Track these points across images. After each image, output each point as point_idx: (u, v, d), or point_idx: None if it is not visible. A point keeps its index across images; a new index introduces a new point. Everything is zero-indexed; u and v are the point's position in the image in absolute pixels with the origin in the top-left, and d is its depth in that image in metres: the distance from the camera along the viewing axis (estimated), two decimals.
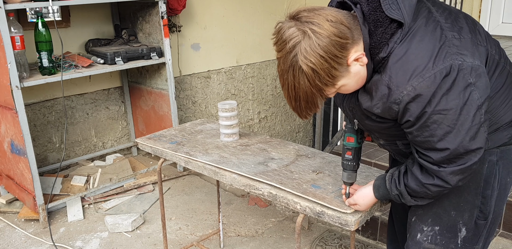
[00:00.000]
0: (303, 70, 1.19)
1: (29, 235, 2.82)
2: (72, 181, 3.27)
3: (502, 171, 1.42)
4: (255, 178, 1.76)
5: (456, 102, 1.18)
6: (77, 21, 3.38)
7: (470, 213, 1.43)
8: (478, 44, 1.27)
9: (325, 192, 1.63)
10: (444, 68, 1.17)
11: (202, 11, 3.96)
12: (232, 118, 2.15)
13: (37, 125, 3.36)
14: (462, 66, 1.18)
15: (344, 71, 1.24)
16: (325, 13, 1.20)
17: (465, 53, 1.20)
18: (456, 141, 1.22)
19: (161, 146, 2.14)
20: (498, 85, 1.33)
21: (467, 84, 1.18)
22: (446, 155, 1.24)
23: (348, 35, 1.20)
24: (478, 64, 1.21)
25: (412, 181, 1.33)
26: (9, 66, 2.57)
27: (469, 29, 1.28)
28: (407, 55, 1.21)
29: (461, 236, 1.45)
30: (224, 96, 4.34)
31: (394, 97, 1.22)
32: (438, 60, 1.18)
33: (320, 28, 1.17)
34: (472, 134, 1.22)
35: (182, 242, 2.75)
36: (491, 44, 1.34)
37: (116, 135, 3.85)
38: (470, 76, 1.19)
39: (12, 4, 2.52)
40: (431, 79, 1.18)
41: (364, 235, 2.79)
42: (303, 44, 1.18)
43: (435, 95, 1.18)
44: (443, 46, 1.20)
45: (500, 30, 3.93)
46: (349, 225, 1.50)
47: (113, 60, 3.10)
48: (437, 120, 1.21)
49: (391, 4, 1.23)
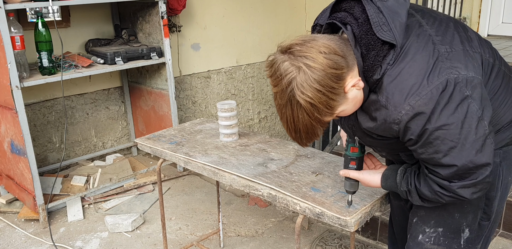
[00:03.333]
0: (301, 105, 1.18)
1: (29, 235, 2.82)
2: (72, 181, 3.27)
3: (505, 171, 1.43)
4: (254, 181, 1.76)
5: (456, 116, 1.18)
6: (77, 21, 3.38)
7: (474, 215, 1.43)
8: (471, 52, 1.27)
9: (325, 196, 1.63)
10: (440, 84, 1.17)
11: (202, 11, 3.95)
12: (232, 119, 2.15)
13: (37, 125, 3.36)
14: (458, 79, 1.18)
15: (342, 99, 1.23)
16: (317, 45, 1.18)
17: (458, 66, 1.20)
18: (462, 156, 1.20)
19: (160, 146, 2.14)
20: (495, 87, 1.33)
21: (464, 97, 1.18)
22: (455, 171, 1.23)
23: (343, 65, 1.19)
24: (472, 75, 1.20)
25: (425, 186, 1.31)
26: (9, 66, 2.57)
27: (461, 39, 1.28)
28: (401, 75, 1.21)
29: (464, 236, 1.45)
30: (224, 96, 4.34)
31: (393, 117, 1.22)
32: (432, 77, 1.18)
33: (314, 62, 1.16)
34: (478, 147, 1.20)
35: (182, 242, 2.75)
36: (484, 48, 1.34)
37: (116, 135, 3.85)
38: (466, 89, 1.18)
39: (12, 4, 2.52)
40: (428, 97, 1.17)
41: (364, 235, 2.79)
42: (298, 79, 1.16)
43: (434, 112, 1.18)
44: (437, 62, 1.20)
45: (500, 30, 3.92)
46: (349, 226, 1.50)
47: (113, 60, 3.10)
48: (440, 136, 1.20)
49: (382, 25, 1.21)
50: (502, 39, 3.84)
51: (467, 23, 3.96)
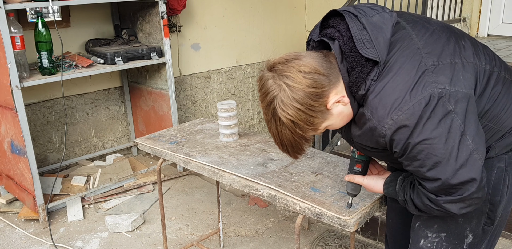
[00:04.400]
0: (283, 121, 1.23)
1: (29, 235, 2.82)
2: (72, 181, 3.27)
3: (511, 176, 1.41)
4: (254, 181, 1.76)
5: (439, 131, 1.18)
6: (77, 21, 3.38)
7: (478, 220, 1.42)
8: (462, 64, 1.26)
9: (324, 196, 1.63)
10: (423, 98, 1.17)
11: (202, 11, 3.95)
12: (231, 119, 2.15)
13: (37, 125, 3.36)
14: (441, 94, 1.18)
15: (325, 115, 1.26)
16: (298, 65, 1.21)
17: (443, 80, 1.20)
18: (446, 170, 1.20)
19: (160, 146, 2.14)
20: (495, 94, 1.32)
21: (447, 112, 1.18)
22: (439, 185, 1.22)
23: (324, 83, 1.22)
24: (456, 90, 1.20)
25: (417, 198, 1.32)
26: (9, 66, 2.57)
27: (452, 50, 1.27)
28: (384, 89, 1.21)
29: (467, 242, 1.44)
30: (224, 96, 4.34)
31: (378, 131, 1.23)
32: (415, 91, 1.18)
33: (294, 82, 1.19)
34: (463, 162, 1.19)
35: (182, 242, 2.75)
36: (479, 56, 1.32)
37: (116, 135, 3.85)
38: (449, 103, 1.18)
39: (12, 4, 2.52)
40: (410, 111, 1.18)
41: (364, 235, 2.79)
42: (279, 97, 1.21)
43: (416, 126, 1.18)
44: (423, 75, 1.20)
45: (500, 30, 3.92)
46: (348, 226, 1.50)
47: (113, 60, 3.10)
48: (423, 150, 1.20)
49: (365, 42, 1.22)
50: (502, 39, 3.84)
51: (467, 23, 3.95)
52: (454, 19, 3.80)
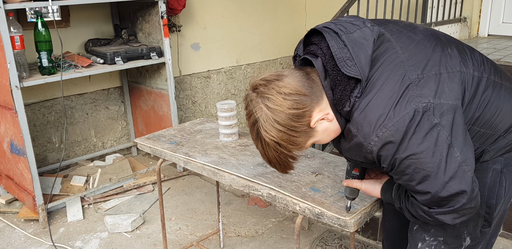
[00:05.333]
0: (267, 142, 1.25)
1: (28, 235, 2.82)
2: (72, 181, 3.27)
3: (509, 177, 1.40)
4: (254, 181, 1.76)
5: (426, 145, 1.17)
6: (76, 21, 3.37)
7: (475, 223, 1.41)
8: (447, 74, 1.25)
9: (324, 196, 1.63)
10: (407, 114, 1.17)
11: (202, 11, 3.95)
12: (231, 119, 2.14)
13: (36, 125, 3.35)
14: (426, 108, 1.17)
15: (310, 134, 1.27)
16: (278, 86, 1.22)
17: (428, 94, 1.19)
18: (435, 184, 1.19)
19: (160, 146, 2.14)
20: (485, 99, 1.31)
21: (432, 126, 1.17)
22: (430, 198, 1.22)
23: (306, 103, 1.23)
24: (441, 102, 1.19)
25: (411, 207, 1.32)
26: (9, 66, 2.57)
27: (436, 62, 1.26)
28: (368, 106, 1.21)
29: (465, 245, 1.44)
30: (224, 96, 4.34)
31: (365, 148, 1.24)
32: (399, 107, 1.18)
33: (274, 104, 1.21)
34: (452, 175, 1.19)
35: (182, 242, 2.75)
36: (467, 63, 1.31)
37: (116, 135, 3.84)
38: (434, 117, 1.18)
39: (12, 4, 2.52)
40: (394, 128, 1.18)
41: (364, 235, 2.78)
42: (261, 119, 1.23)
43: (402, 142, 1.18)
44: (407, 90, 1.20)
45: (501, 30, 3.92)
46: (348, 227, 1.49)
47: (113, 60, 3.09)
48: (411, 165, 1.20)
49: (346, 60, 1.22)
50: (502, 39, 3.83)
51: (467, 23, 3.95)
52: (454, 19, 3.80)
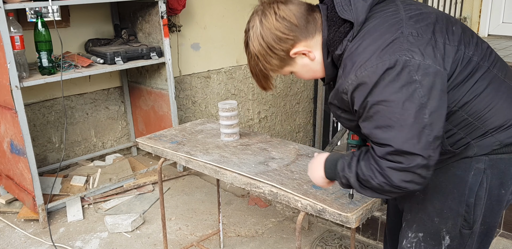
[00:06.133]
0: (250, 50, 1.39)
1: (28, 235, 2.81)
2: (72, 181, 3.27)
3: (492, 180, 1.36)
4: (256, 178, 1.76)
5: (399, 95, 1.18)
6: (76, 21, 3.37)
7: (454, 221, 1.39)
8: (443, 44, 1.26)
9: (326, 193, 1.63)
10: (388, 61, 1.19)
11: (202, 11, 3.95)
12: (233, 118, 2.14)
13: (36, 125, 3.35)
14: (408, 63, 1.19)
15: (287, 61, 1.38)
16: (279, 8, 1.33)
17: (415, 51, 1.21)
18: (396, 137, 1.20)
19: (162, 146, 2.14)
20: (479, 88, 1.30)
21: (411, 81, 1.18)
22: (388, 151, 1.21)
23: (294, 33, 1.33)
24: (428, 63, 1.20)
25: (365, 165, 1.29)
26: (9, 66, 2.57)
27: (435, 30, 1.28)
28: (357, 49, 1.26)
29: (445, 244, 1.42)
30: (224, 96, 4.34)
31: (343, 87, 1.28)
32: (383, 54, 1.21)
33: (267, 21, 1.33)
34: (415, 133, 1.18)
35: (182, 242, 2.74)
36: (468, 45, 1.31)
37: (116, 135, 3.84)
38: (416, 74, 1.18)
39: (12, 4, 2.52)
40: (372, 69, 1.20)
41: (364, 235, 2.78)
42: (252, 30, 1.37)
43: (376, 85, 1.20)
44: (395, 41, 1.22)
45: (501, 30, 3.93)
46: (350, 223, 1.50)
47: (113, 60, 3.09)
48: (380, 111, 1.21)
49: (344, 5, 1.31)
50: (502, 39, 3.84)
51: (467, 23, 3.96)
52: None
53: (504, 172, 1.36)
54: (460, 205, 1.37)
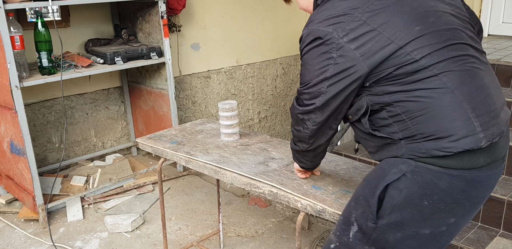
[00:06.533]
0: None
1: (28, 235, 2.81)
2: (72, 181, 3.27)
3: (413, 187, 1.30)
4: (255, 179, 1.76)
5: (314, 62, 1.37)
6: (76, 21, 3.37)
7: (363, 210, 1.37)
8: (386, 39, 1.29)
9: (326, 193, 1.63)
10: (322, 31, 1.32)
11: (202, 11, 3.95)
12: (233, 118, 2.14)
13: (36, 125, 3.35)
14: (335, 40, 1.30)
15: None
16: None
17: (349, 34, 1.30)
18: (305, 78, 1.40)
19: (162, 146, 2.14)
20: (415, 91, 1.28)
21: (329, 56, 1.32)
22: (299, 89, 1.44)
23: None
24: (351, 48, 1.29)
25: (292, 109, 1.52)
26: (9, 66, 2.57)
27: (388, 23, 1.30)
28: (319, 8, 1.41)
29: (353, 230, 1.40)
30: (224, 96, 4.33)
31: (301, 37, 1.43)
32: (325, 24, 1.33)
33: None
34: (311, 93, 1.38)
35: (182, 243, 2.74)
36: (425, 49, 1.28)
37: (116, 135, 3.84)
38: (335, 52, 1.31)
39: (12, 4, 2.52)
40: (309, 32, 1.36)
41: None
42: None
43: (306, 46, 1.37)
44: (341, 17, 1.32)
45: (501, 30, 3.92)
46: None
47: (113, 60, 3.09)
48: (302, 64, 1.42)
49: None
50: (502, 39, 3.84)
51: None
52: None
53: (429, 183, 1.29)
54: (371, 196, 1.35)
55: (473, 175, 1.29)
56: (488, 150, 1.29)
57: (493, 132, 1.28)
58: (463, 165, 1.27)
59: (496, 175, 1.36)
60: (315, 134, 1.47)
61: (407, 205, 1.32)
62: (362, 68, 1.30)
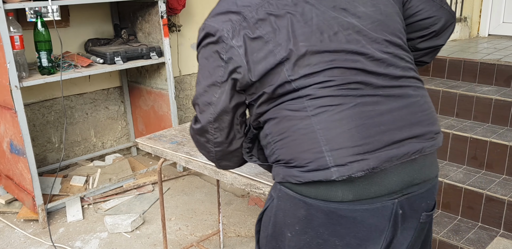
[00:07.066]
0: None
1: (28, 236, 2.81)
2: (72, 181, 3.26)
3: (278, 215, 1.22)
4: (255, 179, 1.75)
5: (204, 61, 1.21)
6: (76, 20, 3.37)
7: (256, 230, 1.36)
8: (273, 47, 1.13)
9: None
10: (213, 27, 1.16)
11: (201, 11, 3.95)
12: None
13: (36, 125, 3.35)
14: (224, 39, 1.14)
15: None
16: None
17: (236, 35, 1.14)
18: (198, 84, 1.24)
19: (161, 146, 2.14)
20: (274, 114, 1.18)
21: (219, 57, 1.16)
22: (193, 99, 1.28)
23: None
24: (239, 54, 1.14)
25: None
26: (8, 66, 2.56)
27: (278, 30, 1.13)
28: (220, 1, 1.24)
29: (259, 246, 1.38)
30: None
31: None
32: (216, 18, 1.18)
33: None
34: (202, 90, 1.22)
35: (182, 243, 2.74)
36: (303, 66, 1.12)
37: (116, 135, 3.84)
38: (225, 54, 1.15)
39: (12, 4, 2.51)
40: (203, 27, 1.20)
41: None
42: None
43: (199, 42, 1.22)
44: (233, 14, 1.16)
45: (501, 30, 3.92)
46: None
47: (113, 60, 3.09)
48: (199, 60, 1.25)
49: None
50: (503, 39, 3.83)
51: (467, 23, 3.95)
52: None
53: (290, 211, 1.18)
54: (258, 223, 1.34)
55: (331, 207, 1.12)
56: (353, 184, 1.11)
57: (361, 166, 1.09)
58: (316, 195, 1.13)
59: (380, 213, 1.14)
60: (222, 156, 1.32)
61: (276, 235, 1.24)
62: (243, 77, 1.16)
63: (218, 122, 1.23)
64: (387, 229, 1.17)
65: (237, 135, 1.27)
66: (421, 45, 1.41)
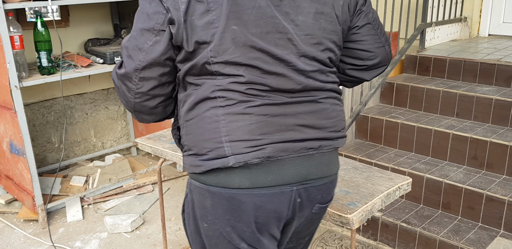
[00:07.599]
0: None
1: (28, 236, 2.81)
2: (71, 181, 3.26)
3: (195, 208, 1.27)
4: None
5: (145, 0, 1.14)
6: (76, 20, 3.37)
7: None
8: (214, 16, 1.10)
9: None
10: None
11: None
12: None
13: (36, 125, 3.35)
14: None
15: None
16: None
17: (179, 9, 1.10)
18: (134, 24, 1.18)
19: (161, 146, 2.13)
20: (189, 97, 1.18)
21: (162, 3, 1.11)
22: (123, 40, 1.22)
23: None
24: (179, 8, 1.09)
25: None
26: (8, 66, 2.56)
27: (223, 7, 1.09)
28: None
29: None
30: None
31: None
32: None
33: None
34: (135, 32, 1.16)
35: (182, 243, 2.74)
36: (228, 51, 1.11)
37: (116, 135, 3.84)
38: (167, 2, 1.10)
39: (11, 4, 2.51)
40: None
41: (364, 236, 2.78)
42: None
43: None
44: None
45: (501, 30, 3.92)
46: (350, 224, 1.50)
47: (113, 60, 3.09)
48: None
49: None
50: (503, 39, 3.83)
51: (468, 23, 3.95)
52: (454, 19, 3.80)
53: (200, 202, 1.23)
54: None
55: (231, 193, 1.16)
56: (251, 171, 1.15)
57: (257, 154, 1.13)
58: (217, 182, 1.17)
59: (279, 199, 1.19)
60: (141, 110, 1.27)
61: (197, 230, 1.28)
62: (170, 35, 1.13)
63: (145, 72, 1.17)
64: (286, 215, 1.23)
65: (162, 92, 1.22)
66: (349, 72, 1.42)
